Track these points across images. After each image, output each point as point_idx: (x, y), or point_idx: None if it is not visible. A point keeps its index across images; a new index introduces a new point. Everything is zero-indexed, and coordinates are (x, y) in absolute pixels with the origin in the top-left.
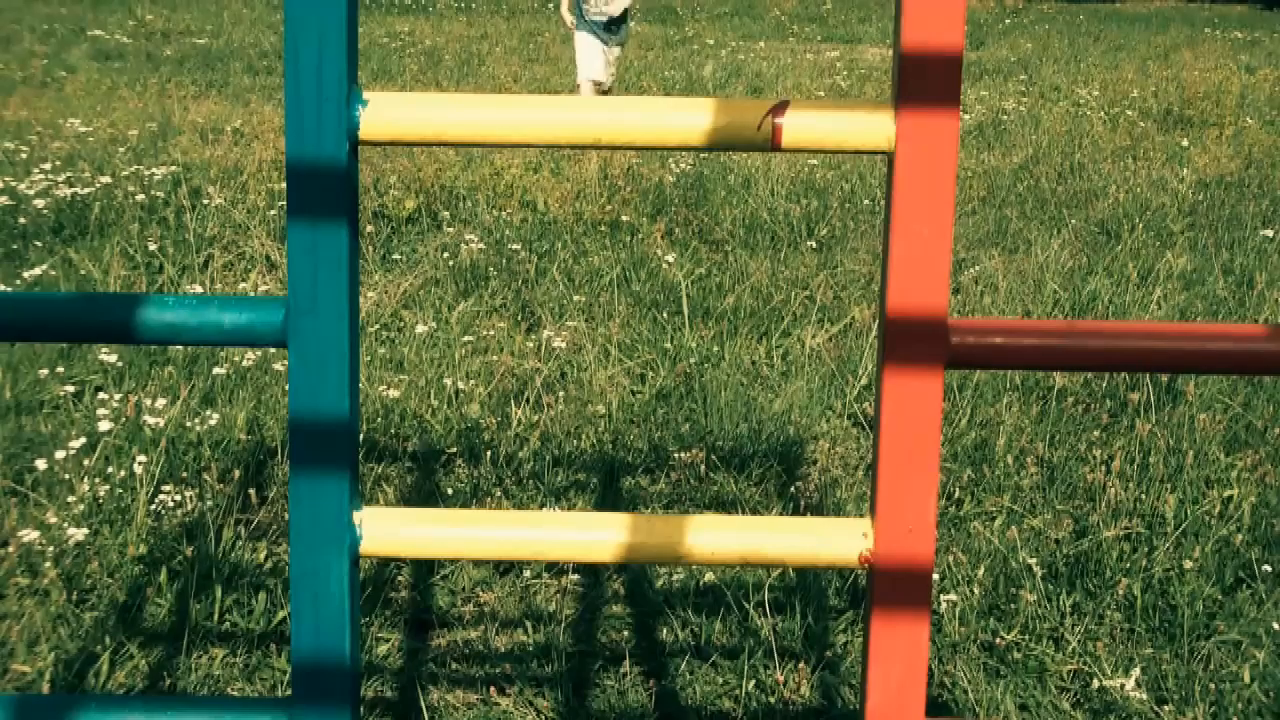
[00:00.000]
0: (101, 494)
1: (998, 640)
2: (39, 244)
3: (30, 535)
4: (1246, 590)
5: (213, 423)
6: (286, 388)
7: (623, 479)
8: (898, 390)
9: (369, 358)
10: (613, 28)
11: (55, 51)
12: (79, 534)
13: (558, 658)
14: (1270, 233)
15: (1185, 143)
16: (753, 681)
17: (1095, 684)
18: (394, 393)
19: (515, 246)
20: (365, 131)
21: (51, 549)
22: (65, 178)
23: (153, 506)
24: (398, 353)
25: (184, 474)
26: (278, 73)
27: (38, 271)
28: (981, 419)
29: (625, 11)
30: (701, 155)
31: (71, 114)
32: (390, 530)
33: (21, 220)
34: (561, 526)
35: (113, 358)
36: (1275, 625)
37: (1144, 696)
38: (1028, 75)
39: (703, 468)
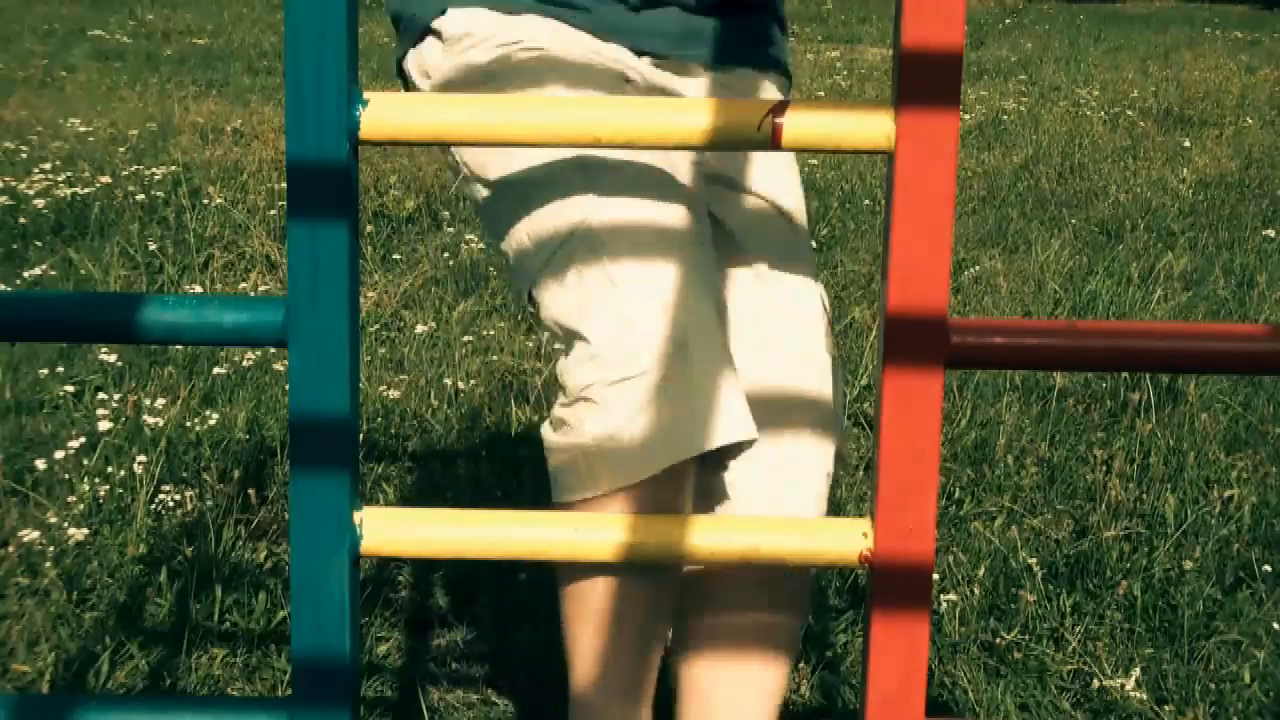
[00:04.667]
0: (101, 494)
1: (998, 640)
2: (39, 244)
3: (30, 535)
4: (1246, 590)
5: (213, 423)
6: (286, 388)
7: None
8: (898, 390)
9: (369, 358)
10: None
11: (55, 51)
12: (79, 534)
13: (558, 658)
14: (1271, 233)
15: (1185, 143)
16: None
17: (1095, 684)
18: (394, 393)
19: None
20: (365, 131)
21: (51, 549)
22: (65, 178)
23: (153, 506)
24: (398, 353)
25: (184, 474)
26: (278, 73)
27: (38, 271)
28: (981, 419)
29: None
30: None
31: (71, 114)
32: (390, 530)
33: (21, 220)
34: (561, 526)
35: (113, 358)
36: (1275, 625)
37: (1144, 696)
38: (1028, 75)
39: None
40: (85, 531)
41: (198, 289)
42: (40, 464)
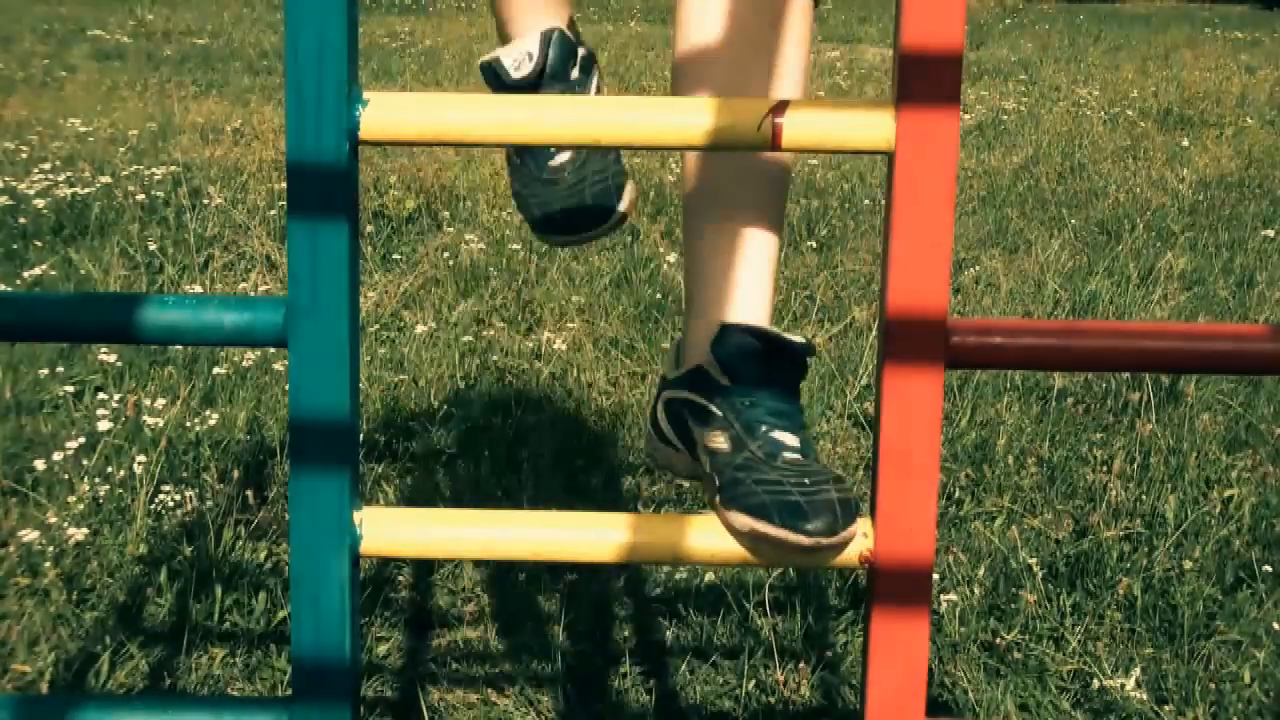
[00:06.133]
0: (101, 494)
1: (998, 640)
2: (39, 244)
3: (30, 535)
4: (1246, 590)
5: (213, 423)
6: (286, 388)
7: (623, 479)
8: (898, 390)
9: (369, 358)
10: None
11: (55, 51)
12: (79, 534)
13: (558, 658)
14: (1271, 233)
15: (1185, 143)
16: (753, 681)
17: (1095, 684)
18: (394, 393)
19: (515, 246)
20: (365, 131)
21: (51, 549)
22: (65, 178)
23: (153, 506)
24: (398, 353)
25: (184, 474)
26: (278, 73)
27: (38, 271)
28: (981, 419)
29: None
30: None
31: (71, 114)
32: (390, 530)
33: (21, 220)
34: (561, 526)
35: (113, 358)
36: (1275, 625)
37: (1144, 696)
38: (1028, 75)
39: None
40: (85, 531)
41: (198, 289)
42: (40, 464)
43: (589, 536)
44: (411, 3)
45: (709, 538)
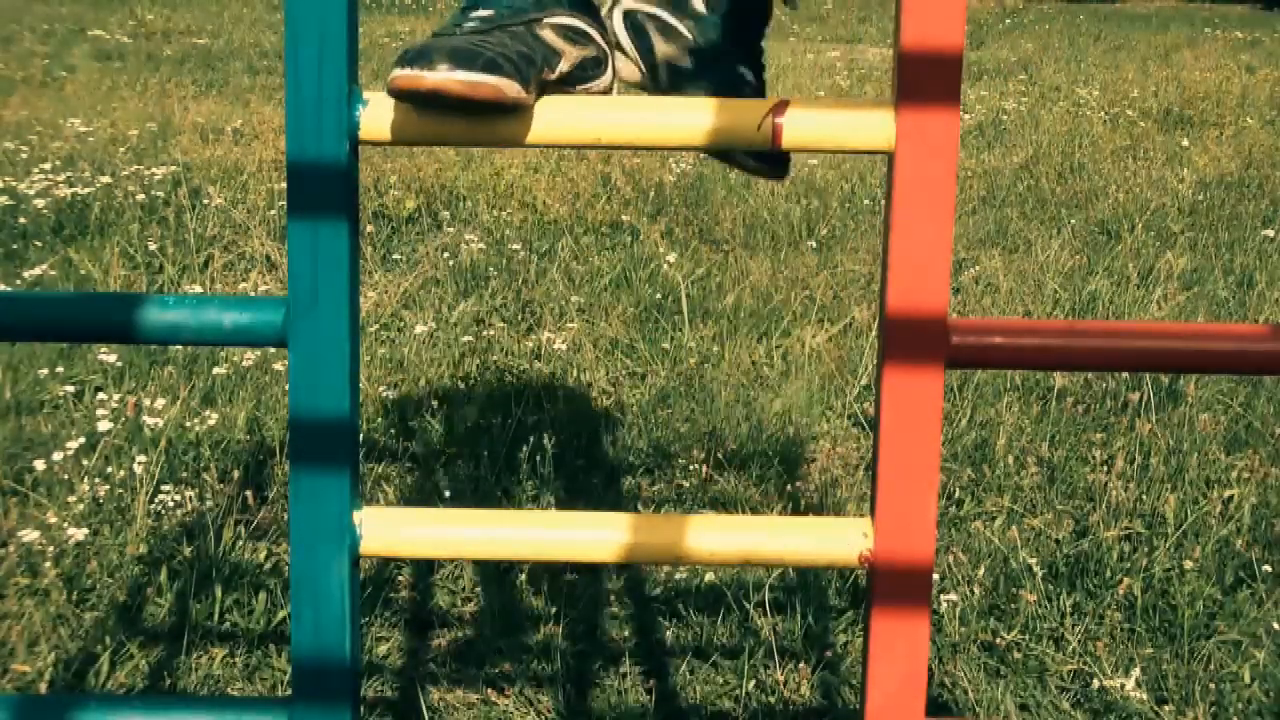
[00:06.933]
0: (101, 494)
1: (998, 640)
2: (39, 244)
3: (30, 535)
4: (1246, 590)
5: (212, 423)
6: (286, 388)
7: (623, 479)
8: (898, 390)
9: (369, 358)
10: None
11: (55, 51)
12: (79, 534)
13: (558, 658)
14: (1271, 233)
15: (1185, 143)
16: (753, 681)
17: (1095, 684)
18: (394, 393)
19: (515, 246)
20: (365, 131)
21: (51, 549)
22: (65, 178)
23: (153, 506)
24: (398, 353)
25: (184, 474)
26: (278, 73)
27: (38, 271)
28: (981, 419)
29: None
30: (701, 155)
31: (71, 114)
32: (390, 530)
33: (21, 220)
34: (561, 526)
35: (113, 358)
36: (1275, 625)
37: (1144, 696)
38: (1028, 75)
39: (703, 468)
40: (85, 531)
41: (198, 289)
42: (40, 464)
43: (589, 536)
44: (411, 3)
45: (709, 538)
